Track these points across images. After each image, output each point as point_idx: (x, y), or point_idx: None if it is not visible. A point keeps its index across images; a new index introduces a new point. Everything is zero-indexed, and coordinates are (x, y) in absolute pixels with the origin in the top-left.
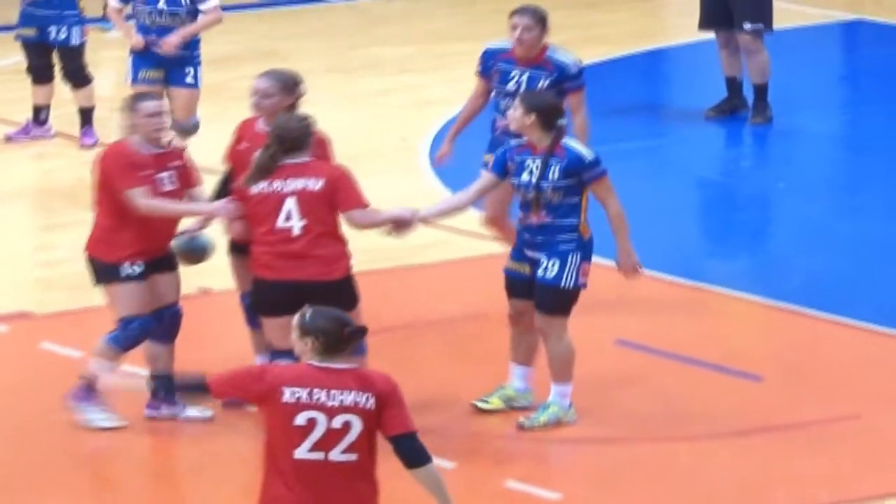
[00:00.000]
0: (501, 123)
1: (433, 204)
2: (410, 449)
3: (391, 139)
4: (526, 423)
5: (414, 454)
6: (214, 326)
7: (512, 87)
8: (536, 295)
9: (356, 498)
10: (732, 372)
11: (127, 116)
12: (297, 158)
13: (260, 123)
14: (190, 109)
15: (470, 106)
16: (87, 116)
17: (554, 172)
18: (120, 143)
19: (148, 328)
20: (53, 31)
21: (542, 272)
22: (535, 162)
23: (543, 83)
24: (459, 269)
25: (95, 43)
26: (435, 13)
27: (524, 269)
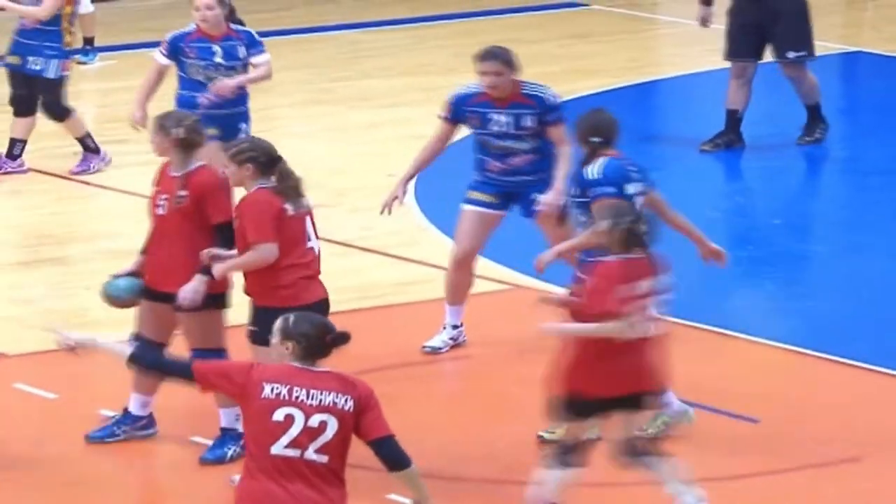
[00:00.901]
0: (494, 166)
1: None
2: (393, 451)
3: (379, 175)
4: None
5: (396, 456)
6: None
7: (497, 129)
8: None
9: (327, 501)
10: (729, 414)
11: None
12: None
13: (170, 169)
14: None
15: (430, 149)
16: (82, 145)
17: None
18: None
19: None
20: (31, 61)
21: None
22: None
23: (530, 119)
24: (443, 307)
25: (75, 75)
26: (424, 45)
27: None
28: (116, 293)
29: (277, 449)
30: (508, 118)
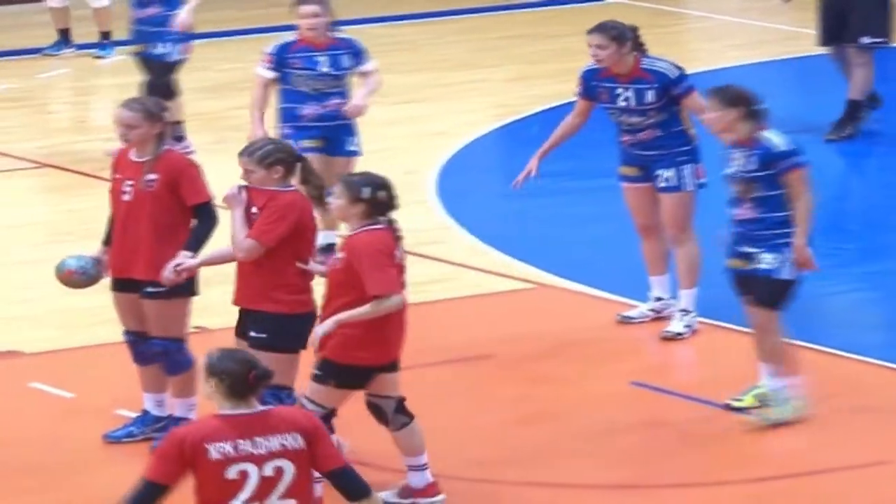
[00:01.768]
0: (627, 139)
1: None
2: (351, 481)
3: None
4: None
5: (355, 485)
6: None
7: (622, 103)
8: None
9: None
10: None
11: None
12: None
13: (132, 154)
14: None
15: (567, 125)
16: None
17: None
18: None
19: None
20: (157, 46)
21: (757, 266)
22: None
23: (651, 94)
24: (466, 306)
25: (91, 70)
26: (442, 40)
27: (741, 264)
28: (61, 268)
29: None
30: (631, 93)
